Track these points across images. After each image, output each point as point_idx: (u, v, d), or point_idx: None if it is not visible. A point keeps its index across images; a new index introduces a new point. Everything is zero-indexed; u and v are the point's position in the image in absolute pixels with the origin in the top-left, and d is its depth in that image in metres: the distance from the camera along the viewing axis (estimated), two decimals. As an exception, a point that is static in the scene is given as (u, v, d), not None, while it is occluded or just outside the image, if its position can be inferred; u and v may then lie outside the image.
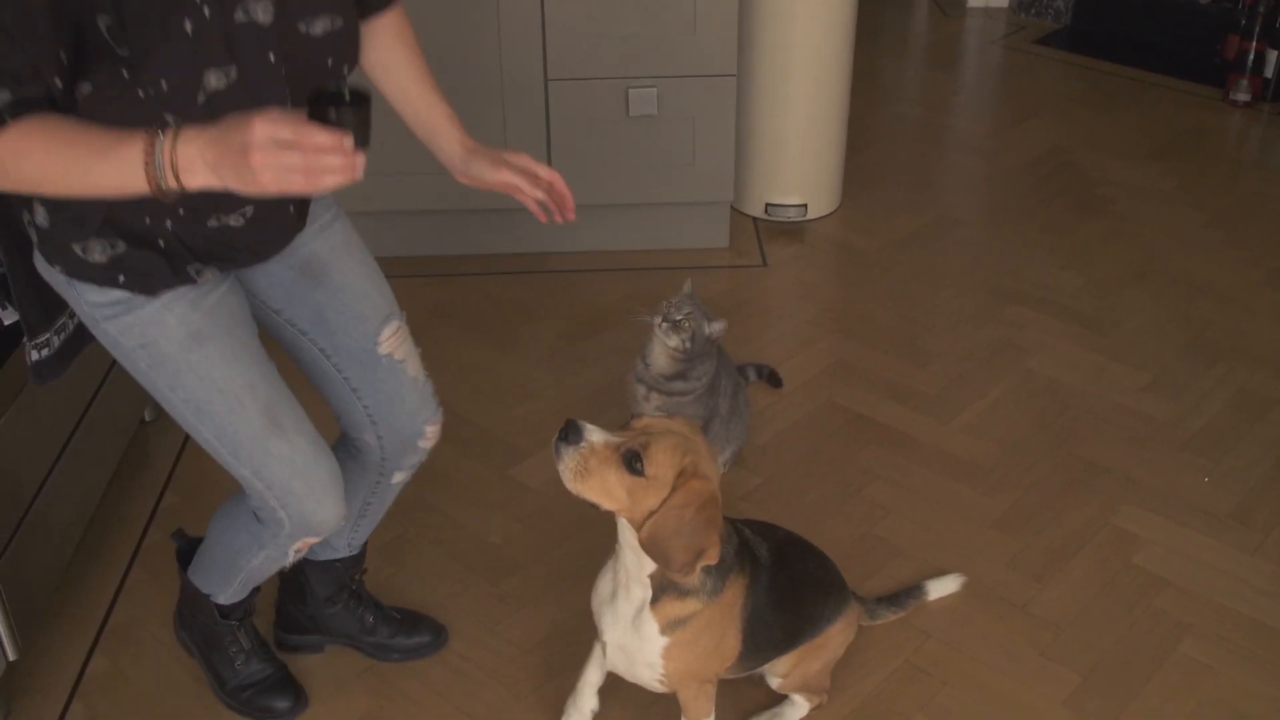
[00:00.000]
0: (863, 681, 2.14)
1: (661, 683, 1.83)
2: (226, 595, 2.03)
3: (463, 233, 3.40)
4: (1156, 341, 3.04)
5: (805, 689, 2.04)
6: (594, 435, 1.62)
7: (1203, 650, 2.19)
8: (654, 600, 1.75)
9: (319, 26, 1.52)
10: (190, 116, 1.38)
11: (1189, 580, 2.33)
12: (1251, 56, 4.29)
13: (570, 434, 1.61)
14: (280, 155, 1.26)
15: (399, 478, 2.00)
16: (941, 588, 2.28)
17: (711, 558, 1.66)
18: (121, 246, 1.58)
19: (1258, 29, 4.25)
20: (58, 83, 1.37)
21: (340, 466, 1.85)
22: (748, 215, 3.61)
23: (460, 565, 2.38)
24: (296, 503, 1.77)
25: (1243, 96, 4.30)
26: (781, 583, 1.88)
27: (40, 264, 1.68)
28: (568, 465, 1.61)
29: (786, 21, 3.31)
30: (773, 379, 2.88)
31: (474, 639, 2.24)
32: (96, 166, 1.35)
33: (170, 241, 1.59)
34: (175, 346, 1.65)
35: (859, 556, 2.38)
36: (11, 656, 2.01)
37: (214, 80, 1.43)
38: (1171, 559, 2.38)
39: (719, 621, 1.79)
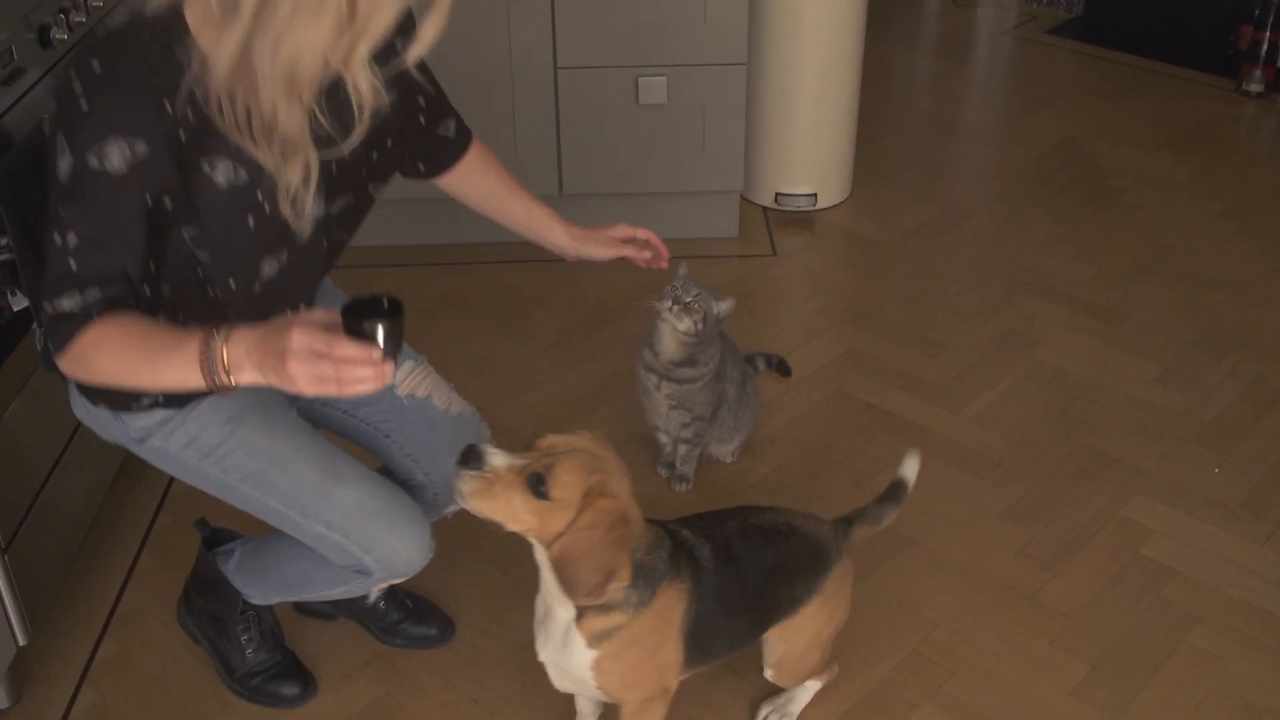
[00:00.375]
0: (870, 670, 2.14)
1: (604, 697, 1.80)
2: (266, 600, 2.04)
3: (472, 222, 3.36)
4: (1167, 333, 3.03)
5: (800, 675, 2.00)
6: (496, 459, 1.58)
7: (1212, 641, 2.18)
8: (578, 616, 1.70)
9: (338, 205, 1.64)
10: (247, 305, 1.47)
11: (1198, 571, 2.33)
12: (1265, 47, 4.26)
13: (470, 459, 1.58)
14: (314, 364, 1.33)
15: (452, 509, 1.99)
16: (910, 468, 2.08)
17: (623, 578, 1.62)
18: None
19: (1271, 19, 4.23)
20: (146, 288, 1.51)
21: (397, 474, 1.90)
22: (757, 204, 3.60)
23: (470, 552, 2.38)
24: (379, 545, 1.76)
25: (1256, 87, 4.28)
26: (730, 580, 1.81)
27: (80, 408, 1.76)
28: (466, 487, 1.57)
29: (797, 10, 3.30)
30: (781, 368, 2.87)
31: (483, 627, 2.24)
32: (161, 364, 1.44)
33: None
34: (218, 433, 1.72)
35: (869, 546, 2.37)
36: (21, 641, 2.01)
37: (268, 268, 1.58)
38: (1181, 550, 2.38)
39: (651, 632, 1.73)
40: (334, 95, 1.47)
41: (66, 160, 1.39)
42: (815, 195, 3.54)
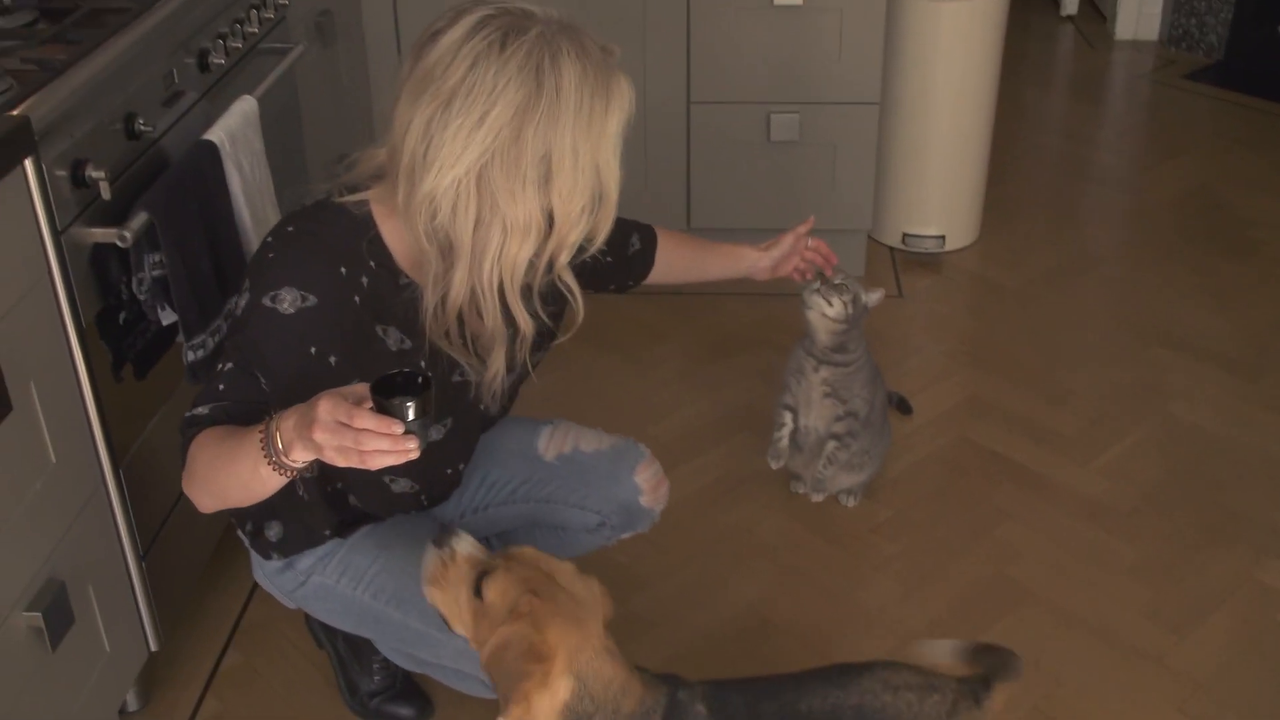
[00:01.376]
0: (991, 725, 2.09)
1: None
2: (403, 664, 2.07)
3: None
4: (1308, 391, 2.94)
5: None
6: (461, 545, 1.53)
7: (1351, 716, 2.10)
8: None
9: (507, 379, 1.75)
10: (406, 465, 1.50)
11: (1338, 641, 2.25)
12: None
13: (440, 537, 1.54)
14: (338, 434, 1.34)
15: (628, 536, 2.04)
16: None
17: (524, 713, 1.43)
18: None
19: None
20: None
21: (575, 542, 1.99)
22: (884, 244, 3.57)
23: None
24: None
25: (1406, 140, 4.15)
26: None
27: (258, 571, 1.88)
28: (426, 568, 1.54)
29: (932, 50, 3.28)
30: (902, 406, 2.84)
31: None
32: (239, 458, 1.46)
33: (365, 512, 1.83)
34: (368, 557, 1.81)
35: (989, 598, 2.34)
36: (153, 647, 2.07)
37: (433, 432, 1.69)
38: (1319, 618, 2.30)
39: None
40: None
41: (246, 298, 1.54)
42: (943, 237, 3.51)
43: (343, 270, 1.55)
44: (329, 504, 1.77)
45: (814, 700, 1.52)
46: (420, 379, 1.37)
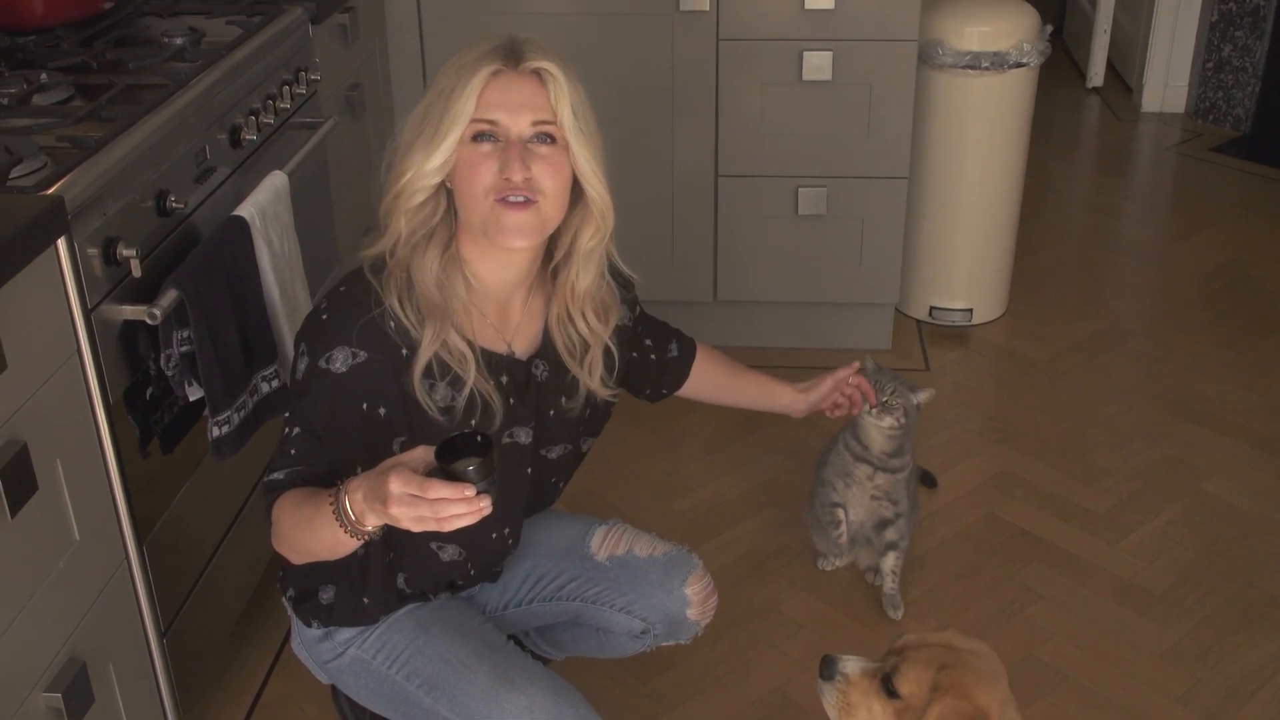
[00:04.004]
0: (1023, 815, 2.05)
1: None
2: None
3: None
4: (1343, 470, 2.90)
5: None
6: (849, 666, 1.58)
7: (1394, 810, 2.05)
8: None
9: (556, 451, 1.84)
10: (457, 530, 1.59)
11: (1379, 731, 2.20)
12: None
13: (825, 669, 1.57)
14: (413, 507, 1.43)
15: (669, 644, 2.01)
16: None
17: None
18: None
19: None
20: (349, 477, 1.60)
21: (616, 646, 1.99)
22: (911, 317, 3.56)
23: (607, 660, 2.35)
24: None
25: None
26: None
27: (296, 641, 1.91)
28: (830, 704, 1.56)
29: (961, 124, 3.28)
30: (926, 479, 2.82)
31: (621, 740, 2.21)
32: (315, 523, 1.56)
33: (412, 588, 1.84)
34: (406, 637, 1.81)
35: (1021, 680, 2.28)
36: (173, 725, 2.05)
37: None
38: (1359, 707, 2.25)
39: None
40: (551, 351, 1.76)
41: (303, 363, 1.63)
42: (971, 310, 3.49)
43: (391, 325, 1.62)
44: (381, 585, 1.77)
45: None
46: (479, 437, 1.44)
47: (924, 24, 3.11)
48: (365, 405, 1.62)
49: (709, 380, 2.14)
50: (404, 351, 1.63)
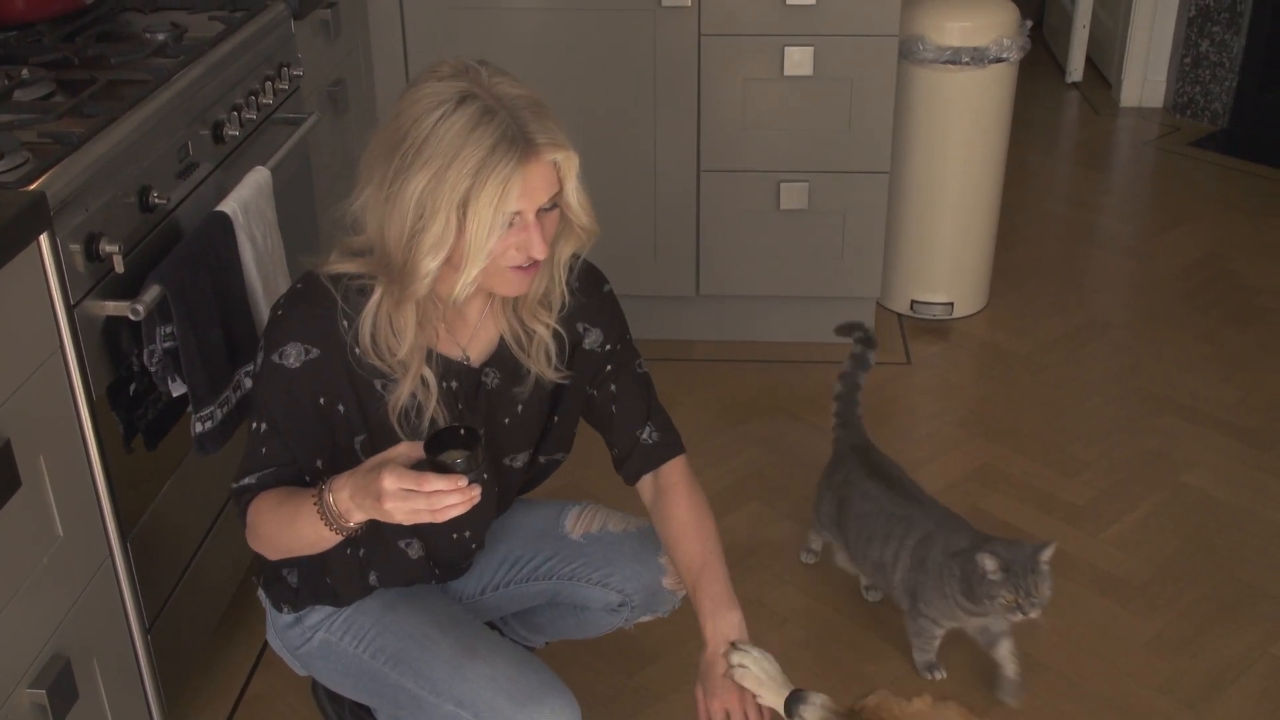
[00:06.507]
0: (1005, 805, 2.07)
1: None
2: None
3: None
4: (1320, 461, 2.92)
5: None
6: (809, 711, 1.60)
7: (1371, 796, 2.07)
8: None
9: (519, 460, 1.85)
10: (415, 526, 1.67)
11: (1356, 719, 2.22)
12: None
13: (789, 704, 1.61)
14: (407, 501, 1.47)
15: (647, 618, 2.02)
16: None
17: None
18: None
19: None
20: (316, 477, 1.67)
21: (595, 622, 1.99)
22: (892, 311, 3.58)
23: (592, 652, 2.36)
24: None
25: None
26: None
27: (270, 632, 1.92)
28: None
29: (941, 119, 3.30)
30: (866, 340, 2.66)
31: (605, 733, 2.21)
32: (298, 522, 1.60)
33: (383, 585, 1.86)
34: (373, 618, 1.83)
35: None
36: (158, 721, 2.05)
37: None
38: (1337, 695, 2.27)
39: None
40: (506, 359, 1.74)
41: (260, 356, 1.65)
42: (952, 304, 3.51)
43: (345, 323, 1.63)
44: (343, 566, 1.79)
45: None
46: (463, 430, 1.49)
47: (905, 19, 3.12)
48: (322, 400, 1.65)
49: (668, 504, 1.87)
50: (357, 350, 1.64)
